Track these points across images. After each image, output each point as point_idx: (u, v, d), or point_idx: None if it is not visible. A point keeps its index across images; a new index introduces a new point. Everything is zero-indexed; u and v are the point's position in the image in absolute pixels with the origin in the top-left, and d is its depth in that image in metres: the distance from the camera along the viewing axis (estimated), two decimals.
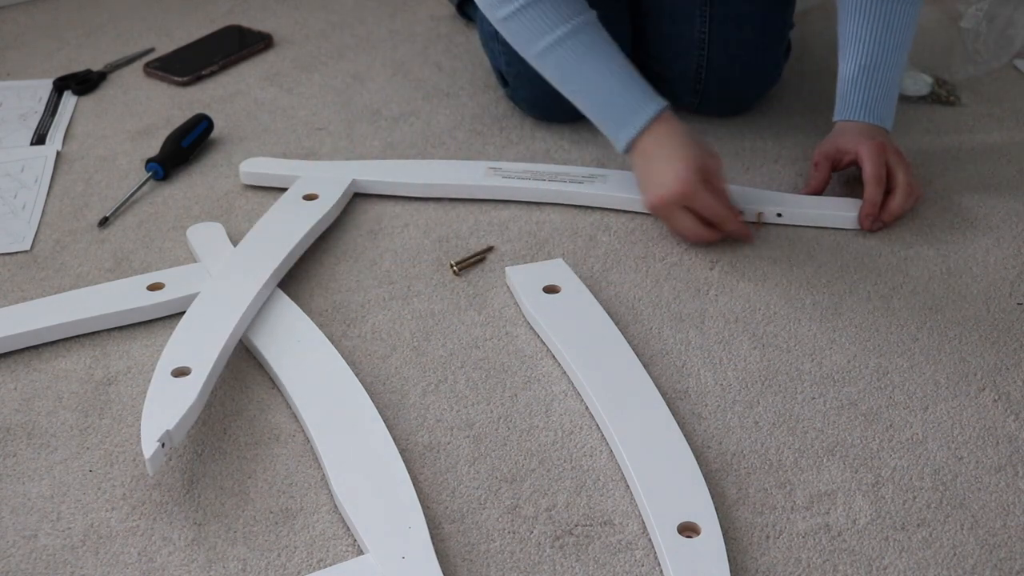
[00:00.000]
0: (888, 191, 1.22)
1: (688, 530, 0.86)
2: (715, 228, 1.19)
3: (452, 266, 1.19)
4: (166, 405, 0.95)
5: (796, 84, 1.52)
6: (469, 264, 1.20)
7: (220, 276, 1.14)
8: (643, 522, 0.89)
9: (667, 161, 1.16)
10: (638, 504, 0.90)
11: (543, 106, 1.43)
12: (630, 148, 1.20)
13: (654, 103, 1.19)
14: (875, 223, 1.22)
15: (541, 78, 1.34)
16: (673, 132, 1.18)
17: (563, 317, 1.09)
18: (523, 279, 1.14)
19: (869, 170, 1.21)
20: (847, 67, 1.26)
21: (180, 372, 0.99)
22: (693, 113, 1.46)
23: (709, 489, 0.91)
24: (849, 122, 1.26)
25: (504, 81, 1.47)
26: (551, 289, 1.13)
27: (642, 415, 0.97)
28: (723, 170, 1.19)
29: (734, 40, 1.37)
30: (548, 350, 1.08)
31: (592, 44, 1.19)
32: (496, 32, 1.34)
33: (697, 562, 0.84)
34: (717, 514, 0.88)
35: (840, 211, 1.24)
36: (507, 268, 1.17)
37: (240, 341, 1.08)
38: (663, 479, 0.91)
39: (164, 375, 0.99)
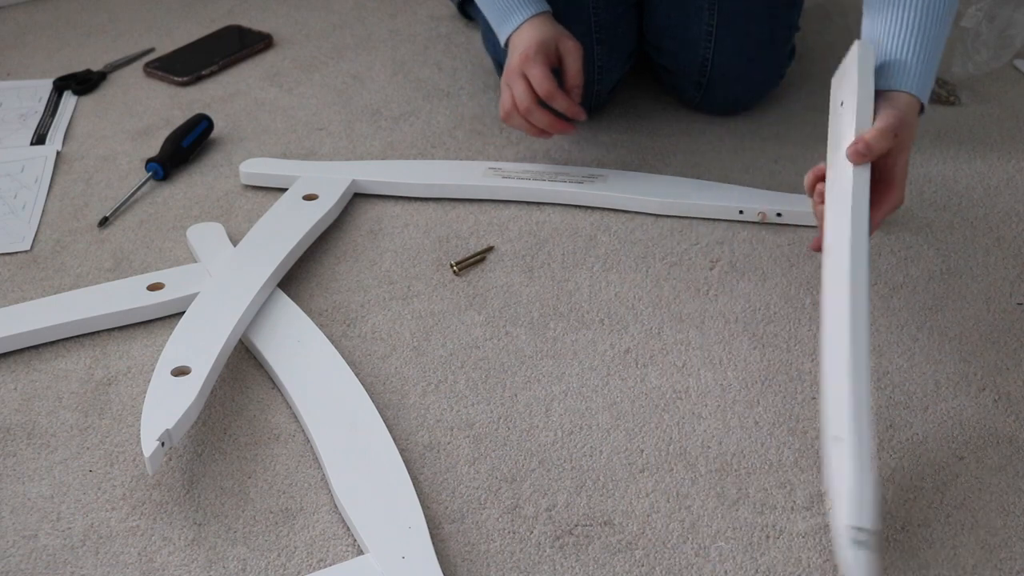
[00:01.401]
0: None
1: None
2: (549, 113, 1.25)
3: (452, 266, 1.19)
4: (166, 404, 0.95)
5: (797, 85, 1.52)
6: (469, 264, 1.20)
7: (220, 276, 1.14)
8: (643, 522, 0.90)
9: (521, 40, 1.26)
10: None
11: None
12: (507, 42, 1.29)
13: (534, 6, 1.27)
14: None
15: None
16: (539, 23, 1.27)
17: None
18: None
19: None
20: (894, 25, 1.04)
21: (180, 371, 0.99)
22: (695, 110, 1.46)
23: (709, 489, 0.91)
24: (913, 107, 1.02)
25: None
26: None
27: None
28: (578, 57, 1.26)
29: (742, 35, 1.38)
30: (551, 350, 1.08)
31: None
32: None
33: None
34: (716, 514, 0.88)
35: None
36: None
37: (240, 341, 1.08)
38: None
39: (164, 374, 0.99)
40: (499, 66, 1.46)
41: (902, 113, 1.00)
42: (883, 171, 1.00)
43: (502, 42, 1.30)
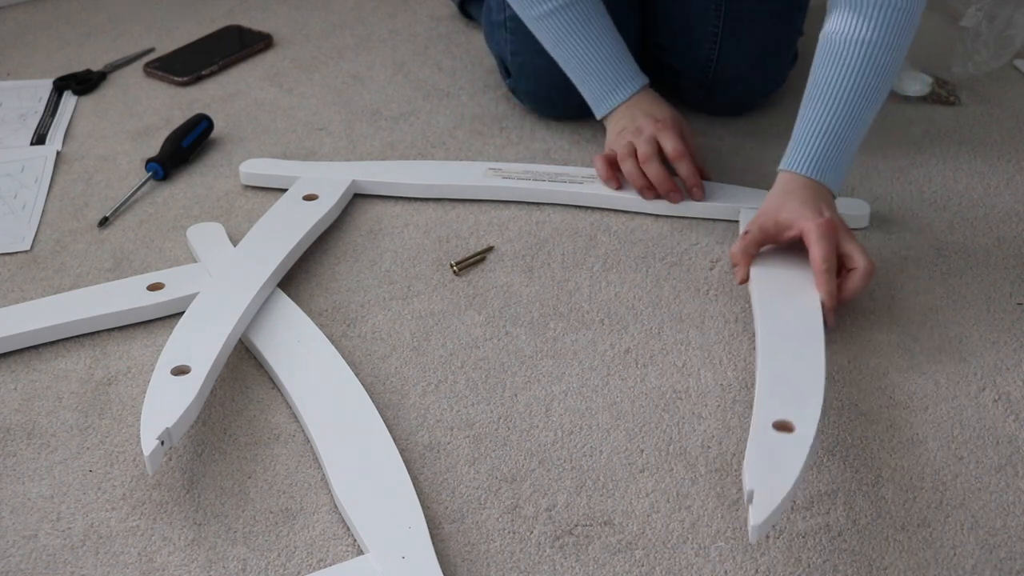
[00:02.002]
0: (843, 271, 1.08)
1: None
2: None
3: (452, 266, 1.19)
4: (166, 403, 0.95)
5: (798, 87, 1.51)
6: (469, 264, 1.20)
7: (220, 276, 1.14)
8: (643, 522, 0.90)
9: (644, 109, 1.28)
10: None
11: (543, 100, 1.43)
12: (608, 116, 1.31)
13: (637, 79, 1.30)
14: (833, 315, 1.07)
15: (544, 71, 1.34)
16: (656, 95, 1.31)
17: None
18: None
19: (818, 257, 1.05)
20: (812, 114, 1.13)
21: (180, 371, 0.99)
22: (696, 111, 1.46)
23: (709, 489, 0.91)
24: (793, 178, 1.11)
25: (507, 72, 1.46)
26: None
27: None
28: (693, 136, 1.31)
29: (747, 37, 1.38)
30: (551, 350, 1.08)
31: (588, 17, 1.28)
32: (504, 21, 1.33)
33: None
34: (716, 514, 0.88)
35: (841, 211, 1.24)
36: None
37: (240, 341, 1.08)
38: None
39: (164, 373, 0.99)
40: (503, 65, 1.47)
41: (763, 205, 1.12)
42: (788, 236, 1.10)
43: (604, 111, 1.30)
